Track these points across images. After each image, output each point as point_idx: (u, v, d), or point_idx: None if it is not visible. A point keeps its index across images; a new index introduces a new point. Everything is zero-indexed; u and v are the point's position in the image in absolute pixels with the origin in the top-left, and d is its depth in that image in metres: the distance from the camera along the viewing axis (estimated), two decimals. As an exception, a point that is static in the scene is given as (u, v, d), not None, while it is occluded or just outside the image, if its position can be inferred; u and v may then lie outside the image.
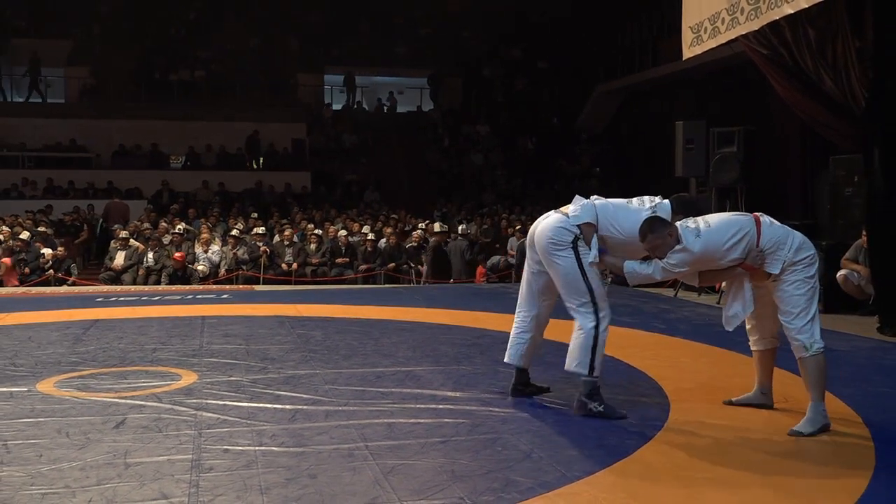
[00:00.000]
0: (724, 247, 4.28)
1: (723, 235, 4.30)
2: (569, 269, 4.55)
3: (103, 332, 7.45)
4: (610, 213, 4.60)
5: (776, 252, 4.28)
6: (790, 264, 4.28)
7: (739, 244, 4.28)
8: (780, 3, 7.65)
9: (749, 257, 4.29)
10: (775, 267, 4.29)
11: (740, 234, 4.29)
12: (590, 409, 4.53)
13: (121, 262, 13.46)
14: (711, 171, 10.81)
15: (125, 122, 21.14)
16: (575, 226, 4.55)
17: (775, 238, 4.30)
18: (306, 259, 13.81)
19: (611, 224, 4.57)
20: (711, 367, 6.03)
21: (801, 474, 3.64)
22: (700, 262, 4.35)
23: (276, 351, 6.49)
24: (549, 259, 4.63)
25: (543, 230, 4.66)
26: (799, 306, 4.27)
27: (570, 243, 4.53)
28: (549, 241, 4.59)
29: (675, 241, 4.31)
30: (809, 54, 8.62)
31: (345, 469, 3.62)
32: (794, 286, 4.28)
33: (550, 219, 4.70)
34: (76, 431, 4.18)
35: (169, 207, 17.82)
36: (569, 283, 4.57)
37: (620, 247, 4.59)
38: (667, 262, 4.33)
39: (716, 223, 4.38)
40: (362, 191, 20.87)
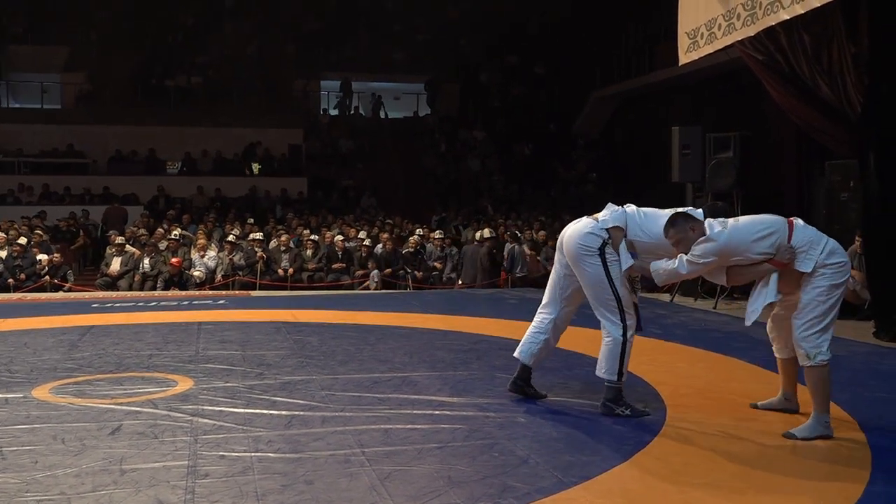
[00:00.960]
0: (751, 239, 4.26)
1: (751, 229, 4.29)
2: (596, 277, 4.62)
3: (99, 338, 7.44)
4: (640, 219, 4.67)
5: (808, 251, 4.24)
6: (821, 266, 4.23)
7: (768, 238, 4.25)
8: (777, 8, 7.67)
9: (778, 253, 4.25)
10: (807, 265, 4.23)
11: (770, 229, 4.28)
12: (617, 413, 4.61)
13: (117, 268, 13.45)
14: (708, 177, 10.83)
15: (122, 128, 21.10)
16: (604, 230, 4.62)
17: (808, 238, 4.27)
18: (303, 265, 13.81)
19: (640, 229, 4.63)
20: (708, 373, 6.03)
21: (797, 481, 3.64)
22: (726, 253, 4.30)
23: (272, 357, 6.48)
24: (577, 264, 4.70)
25: (573, 235, 4.72)
26: (814, 314, 4.23)
27: (598, 249, 4.59)
28: (578, 245, 4.65)
29: (698, 234, 4.32)
30: (805, 60, 8.65)
31: (341, 475, 3.62)
32: (819, 292, 4.23)
33: (580, 224, 4.76)
34: (72, 438, 4.16)
35: (165, 213, 17.81)
36: (596, 289, 4.64)
37: (649, 251, 4.62)
38: (691, 254, 4.31)
39: (745, 219, 4.40)
40: (359, 196, 20.86)
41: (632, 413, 4.62)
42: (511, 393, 5.10)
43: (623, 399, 4.67)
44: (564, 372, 5.88)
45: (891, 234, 7.62)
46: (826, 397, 4.28)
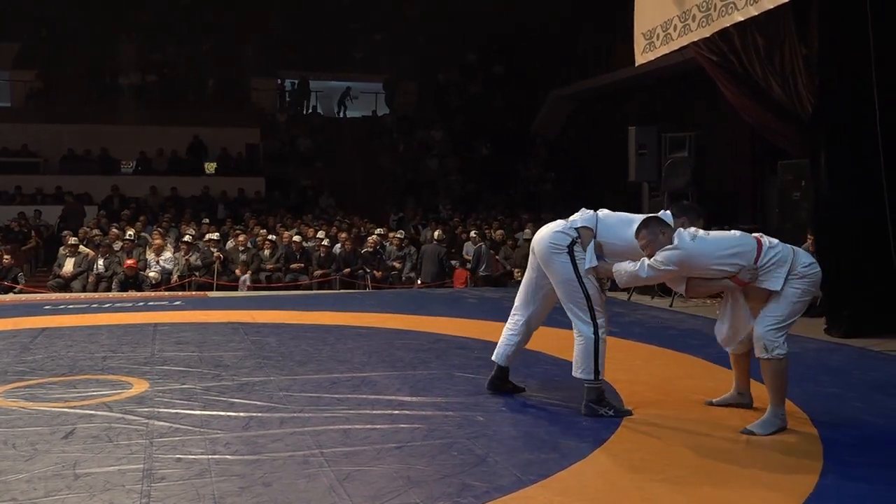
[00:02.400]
0: (717, 255, 4.34)
1: (720, 246, 4.37)
2: (566, 275, 4.68)
3: (52, 341, 7.31)
4: (611, 222, 4.73)
5: (775, 270, 4.33)
6: (797, 277, 4.33)
7: (734, 258, 4.34)
8: (731, 10, 7.78)
9: (741, 273, 4.34)
10: (776, 284, 4.32)
11: (739, 249, 4.36)
12: (600, 413, 4.62)
13: (70, 269, 13.22)
14: (663, 176, 10.96)
15: (74, 127, 20.75)
16: (573, 229, 4.70)
17: (776, 258, 4.35)
18: (260, 265, 13.70)
19: (611, 232, 4.69)
20: (664, 370, 6.10)
21: (752, 474, 3.69)
22: (688, 264, 4.36)
23: (229, 358, 6.42)
24: (548, 263, 4.76)
25: (544, 235, 4.82)
26: (781, 313, 4.33)
27: (567, 246, 4.66)
28: (548, 244, 4.73)
29: (667, 240, 4.38)
30: (758, 61, 8.79)
31: (300, 476, 3.59)
32: (793, 295, 4.34)
33: (551, 224, 4.86)
34: (23, 442, 4.08)
35: (120, 213, 17.55)
36: (567, 288, 4.70)
37: (619, 255, 4.67)
38: (654, 260, 4.38)
39: (715, 235, 4.50)
40: (317, 196, 20.76)
41: (615, 413, 4.63)
42: (490, 392, 5.14)
43: (605, 399, 4.69)
44: (522, 370, 5.90)
45: (841, 232, 7.77)
46: (782, 391, 4.38)
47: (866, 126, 7.36)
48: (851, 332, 7.51)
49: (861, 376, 5.86)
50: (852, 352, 6.90)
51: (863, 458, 3.89)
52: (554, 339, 7.10)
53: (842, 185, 7.74)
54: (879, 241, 7.47)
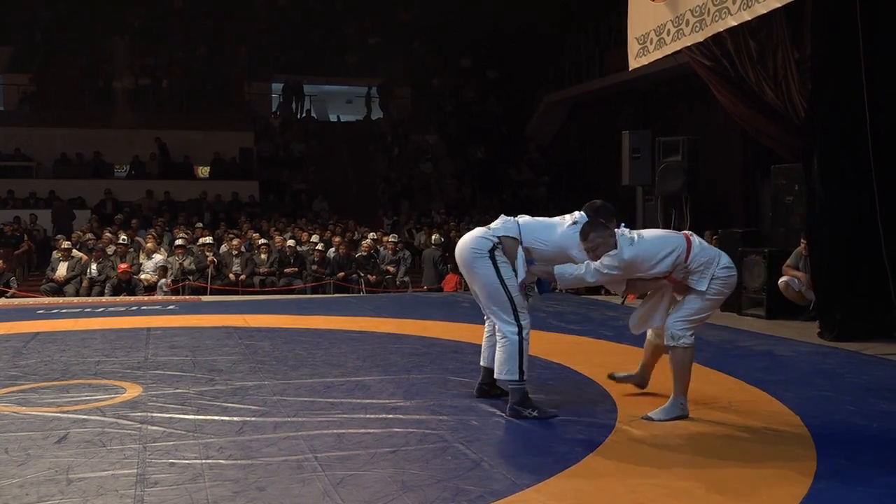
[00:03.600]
0: (654, 259, 4.53)
1: (656, 249, 4.55)
2: (489, 279, 4.75)
3: (45, 345, 7.29)
4: (534, 227, 4.85)
5: (704, 271, 4.54)
6: (715, 278, 4.56)
7: (669, 258, 4.53)
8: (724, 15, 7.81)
9: (675, 271, 4.55)
10: (702, 284, 4.55)
11: (672, 250, 4.55)
12: (524, 415, 4.67)
13: (63, 273, 13.19)
14: (657, 180, 10.98)
15: (67, 131, 20.72)
16: (494, 236, 4.79)
17: (705, 258, 4.56)
18: (254, 269, 13.68)
19: (535, 238, 4.80)
20: (656, 373, 6.07)
21: (745, 478, 3.70)
22: (630, 268, 4.54)
23: (223, 362, 6.41)
24: (470, 268, 4.83)
25: (464, 242, 4.91)
26: (694, 307, 4.58)
27: (489, 251, 4.74)
28: (470, 250, 4.80)
29: (612, 242, 4.55)
30: (751, 65, 8.83)
31: (294, 481, 3.59)
32: (708, 293, 4.56)
33: (472, 232, 4.96)
34: (16, 447, 4.07)
35: (113, 217, 17.51)
36: (489, 292, 4.78)
37: (547, 259, 4.79)
38: (600, 264, 4.53)
39: (650, 237, 4.66)
40: (311, 200, 20.74)
41: (539, 414, 4.67)
42: (478, 397, 5.14)
43: (530, 400, 4.74)
44: (517, 374, 5.91)
45: (833, 235, 7.79)
46: (684, 380, 4.64)
47: (859, 130, 7.38)
48: (844, 335, 7.53)
49: (854, 379, 5.88)
50: (845, 355, 6.92)
51: (856, 462, 3.90)
52: (547, 343, 7.12)
53: (834, 189, 7.76)
54: (872, 244, 7.49)
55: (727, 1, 7.79)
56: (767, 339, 7.84)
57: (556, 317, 9.30)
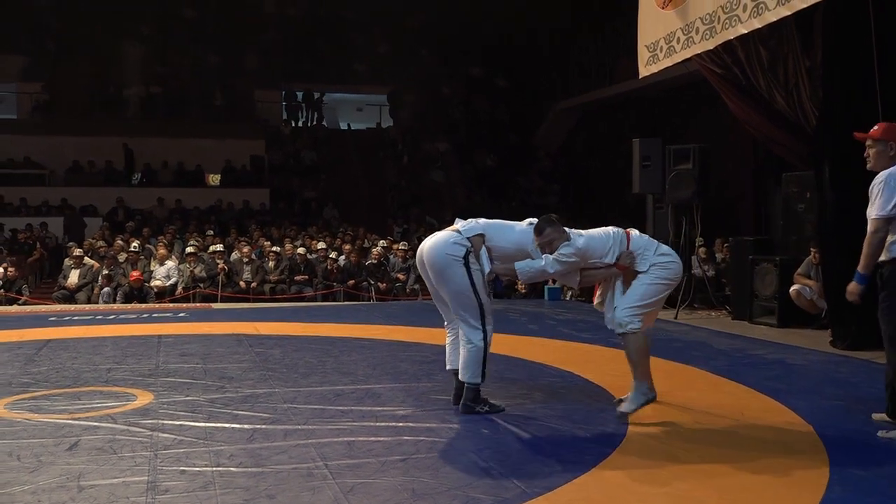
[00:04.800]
0: (605, 247, 4.92)
1: (603, 243, 4.93)
2: (462, 285, 4.89)
3: (56, 352, 7.32)
4: (495, 228, 5.06)
5: (644, 254, 4.92)
6: (653, 264, 4.89)
7: (615, 246, 4.92)
8: (734, 23, 7.81)
9: (621, 258, 4.91)
10: (643, 265, 4.91)
11: (615, 241, 4.94)
12: (477, 410, 4.92)
13: (75, 281, 13.25)
14: (668, 188, 10.95)
15: (79, 139, 20.83)
16: (466, 239, 4.93)
17: (643, 245, 4.96)
18: (265, 276, 13.71)
19: (496, 237, 5.02)
20: (667, 381, 6.07)
21: (757, 487, 3.68)
22: (586, 255, 4.89)
23: (234, 370, 6.42)
24: (443, 273, 4.93)
25: (435, 246, 4.98)
26: (639, 294, 4.86)
27: (463, 257, 4.88)
28: (444, 255, 4.90)
29: (566, 237, 4.89)
30: (762, 73, 8.81)
31: (304, 489, 3.59)
32: (649, 278, 4.88)
33: (442, 235, 5.06)
34: (28, 454, 4.08)
35: (125, 225, 17.59)
36: (460, 298, 4.92)
37: (507, 257, 5.00)
38: (558, 254, 4.83)
39: (595, 232, 5.04)
40: (321, 208, 20.79)
41: (489, 409, 4.94)
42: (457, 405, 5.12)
43: (480, 397, 4.97)
44: (527, 382, 5.91)
45: (845, 244, 7.75)
46: (642, 366, 4.87)
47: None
48: (856, 344, 7.49)
49: (867, 388, 5.83)
50: (857, 364, 6.88)
51: (869, 472, 3.87)
52: (558, 351, 7.11)
53: (846, 197, 7.72)
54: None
55: (737, 9, 7.79)
56: (779, 347, 7.80)
57: (568, 325, 9.28)
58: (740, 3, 7.77)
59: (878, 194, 4.42)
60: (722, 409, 5.09)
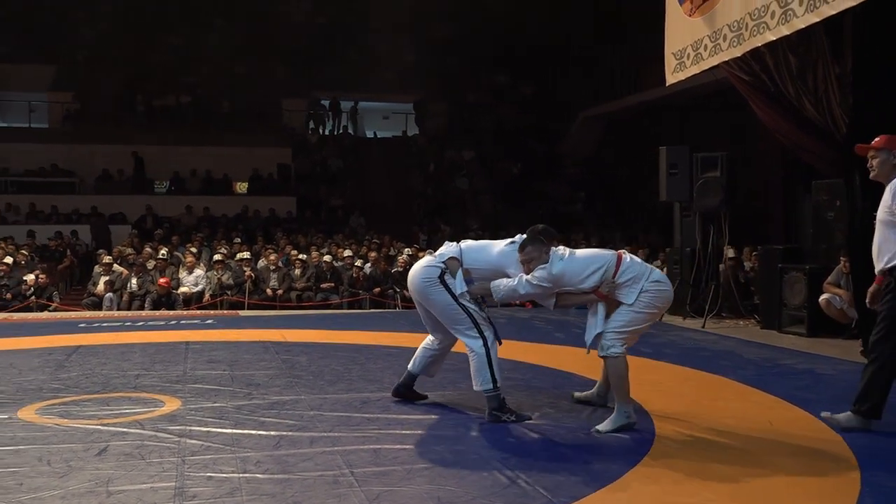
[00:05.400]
0: (581, 275, 4.83)
1: (583, 267, 4.85)
2: (444, 302, 5.06)
3: (86, 358, 7.40)
4: (474, 249, 5.21)
5: (632, 286, 4.80)
6: (644, 291, 4.80)
7: (595, 275, 4.82)
8: (762, 30, 7.75)
9: (602, 286, 4.82)
10: (630, 297, 4.80)
11: (599, 267, 4.84)
12: (503, 420, 4.93)
13: (104, 288, 13.38)
14: (695, 196, 10.88)
15: (109, 147, 21.08)
16: (441, 262, 5.12)
17: (633, 273, 4.83)
18: (291, 284, 13.78)
19: (475, 258, 5.14)
20: (696, 391, 6.04)
21: (786, 498, 3.64)
22: (559, 283, 4.85)
23: (260, 377, 6.45)
24: (425, 296, 5.13)
25: (414, 273, 5.23)
26: (624, 320, 4.81)
27: (438, 278, 5.07)
28: (421, 280, 5.12)
29: (546, 257, 4.86)
30: (790, 80, 8.73)
31: (330, 496, 3.59)
32: (637, 307, 4.80)
33: (419, 263, 5.30)
34: (58, 459, 4.13)
35: (153, 233, 17.76)
36: (448, 314, 5.07)
37: (486, 277, 5.08)
38: (532, 276, 4.84)
39: (581, 255, 4.98)
40: (347, 216, 20.87)
41: (516, 418, 4.93)
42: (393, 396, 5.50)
43: (506, 405, 4.98)
44: (553, 391, 5.88)
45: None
46: (623, 388, 4.82)
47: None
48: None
49: (898, 399, 5.75)
50: (889, 374, 6.77)
51: (901, 483, 3.82)
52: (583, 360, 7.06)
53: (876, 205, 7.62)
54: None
55: (765, 16, 7.74)
56: (808, 357, 7.72)
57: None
58: (768, 9, 7.71)
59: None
60: (750, 419, 5.04)
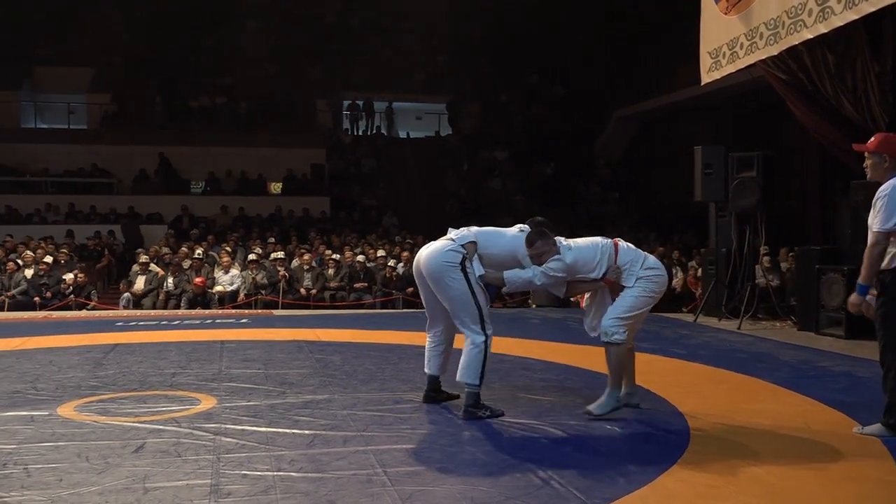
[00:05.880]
0: (592, 263, 5.03)
1: (591, 255, 5.05)
2: (460, 290, 5.05)
3: (123, 357, 7.50)
4: (487, 235, 5.24)
5: (630, 269, 5.03)
6: (640, 277, 5.01)
7: (602, 262, 5.03)
8: (800, 28, 7.67)
9: (608, 272, 5.03)
10: (629, 281, 5.03)
11: (603, 254, 5.06)
12: (479, 415, 5.01)
13: (141, 287, 13.55)
14: (731, 196, 10.77)
15: (146, 148, 21.34)
16: (461, 246, 5.11)
17: (630, 258, 5.06)
18: (325, 284, 13.85)
19: (488, 243, 5.18)
20: (732, 394, 5.97)
21: (824, 501, 3.59)
22: (572, 271, 5.03)
23: (294, 376, 6.50)
24: (441, 281, 5.08)
25: (432, 254, 5.16)
26: (625, 306, 4.98)
27: (460, 263, 5.05)
28: (441, 263, 5.08)
29: (556, 249, 5.03)
30: (829, 78, 8.62)
31: (363, 495, 3.61)
32: (636, 291, 4.99)
33: (437, 245, 5.23)
34: (96, 456, 4.19)
35: (189, 232, 17.95)
36: (461, 303, 5.06)
37: (497, 264, 5.16)
38: (546, 267, 5.00)
39: (584, 244, 5.15)
40: (381, 215, 20.93)
41: (490, 413, 5.02)
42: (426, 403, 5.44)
43: (481, 402, 5.07)
44: (586, 391, 5.85)
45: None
46: (617, 375, 5.02)
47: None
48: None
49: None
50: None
51: (942, 489, 3.75)
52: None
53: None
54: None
55: (802, 13, 7.65)
56: (846, 359, 7.60)
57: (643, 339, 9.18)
58: (806, 7, 7.62)
59: (881, 208, 4.56)
60: (786, 422, 4.98)
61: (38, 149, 21.04)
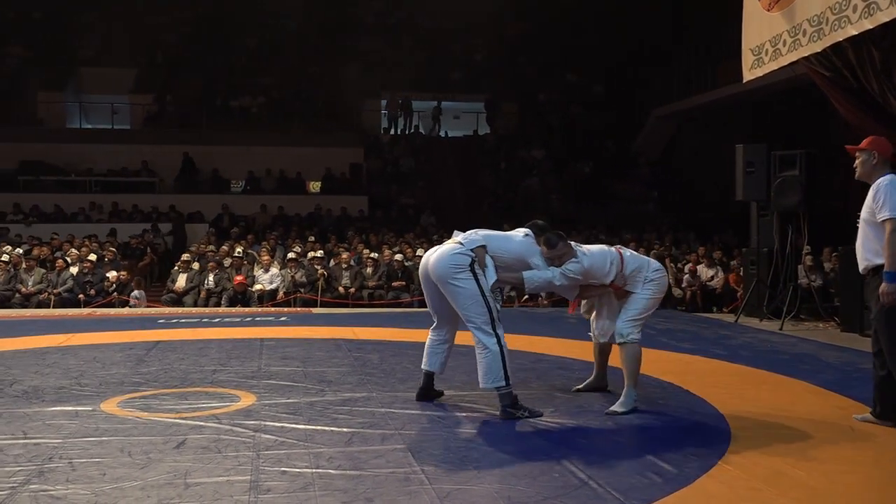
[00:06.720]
0: (604, 269, 5.27)
1: (603, 261, 5.29)
2: (470, 292, 5.06)
3: (165, 354, 7.60)
4: (495, 239, 5.30)
5: (637, 275, 5.30)
6: (648, 281, 5.29)
7: (612, 267, 5.28)
8: (844, 24, 7.54)
9: (617, 279, 5.29)
10: (637, 286, 5.31)
11: (612, 260, 5.29)
12: (517, 416, 4.99)
13: (182, 285, 13.73)
14: (773, 195, 10.63)
15: (187, 147, 21.59)
16: (470, 250, 5.13)
17: (636, 265, 5.33)
18: (363, 282, 13.91)
19: (498, 248, 5.24)
20: (773, 395, 5.89)
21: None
22: (587, 275, 5.25)
23: (333, 374, 6.54)
24: (450, 284, 5.09)
25: (441, 257, 5.16)
26: (637, 309, 5.26)
27: (469, 266, 5.07)
28: (449, 266, 5.08)
29: (574, 253, 5.25)
30: (874, 75, 8.45)
31: (401, 493, 3.62)
32: (643, 294, 5.28)
33: (444, 248, 5.25)
34: (138, 451, 4.25)
35: (229, 231, 18.13)
36: (471, 304, 5.07)
37: (507, 266, 5.24)
38: (566, 269, 5.19)
39: (596, 251, 5.40)
40: (419, 214, 20.96)
41: (529, 414, 5.00)
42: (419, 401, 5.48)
43: (518, 402, 5.05)
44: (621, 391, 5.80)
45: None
46: (635, 374, 5.22)
47: None
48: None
49: None
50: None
51: None
52: (658, 362, 6.97)
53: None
54: None
55: (847, 9, 7.52)
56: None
57: (667, 335, 9.11)
58: (850, 3, 7.49)
59: (884, 199, 4.85)
60: (829, 424, 4.91)
61: (83, 149, 21.38)
